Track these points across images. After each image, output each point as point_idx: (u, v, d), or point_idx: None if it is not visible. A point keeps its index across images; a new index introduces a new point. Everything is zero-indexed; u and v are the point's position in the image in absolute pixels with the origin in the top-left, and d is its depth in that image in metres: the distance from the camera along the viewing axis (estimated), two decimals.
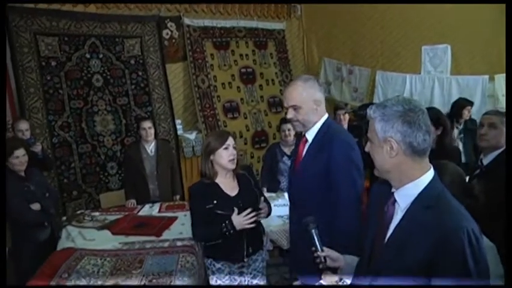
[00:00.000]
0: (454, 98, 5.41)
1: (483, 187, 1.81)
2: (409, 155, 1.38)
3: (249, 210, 2.52)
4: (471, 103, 4.89)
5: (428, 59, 5.70)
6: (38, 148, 4.00)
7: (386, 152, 1.40)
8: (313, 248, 1.90)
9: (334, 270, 1.84)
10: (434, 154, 2.99)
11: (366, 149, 1.52)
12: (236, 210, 2.52)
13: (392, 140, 1.38)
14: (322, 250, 1.86)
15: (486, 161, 2.60)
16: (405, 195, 1.41)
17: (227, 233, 2.50)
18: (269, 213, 2.78)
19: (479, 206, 1.89)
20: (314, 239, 1.91)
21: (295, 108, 2.33)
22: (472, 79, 5.33)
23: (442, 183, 1.59)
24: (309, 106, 2.32)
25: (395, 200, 1.45)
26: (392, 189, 1.47)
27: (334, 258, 1.84)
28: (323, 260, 1.85)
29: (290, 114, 2.36)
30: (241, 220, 2.49)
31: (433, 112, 3.15)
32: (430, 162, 1.86)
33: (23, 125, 4.07)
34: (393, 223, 1.44)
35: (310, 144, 2.39)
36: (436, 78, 5.59)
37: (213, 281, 2.65)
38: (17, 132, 4.01)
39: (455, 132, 4.75)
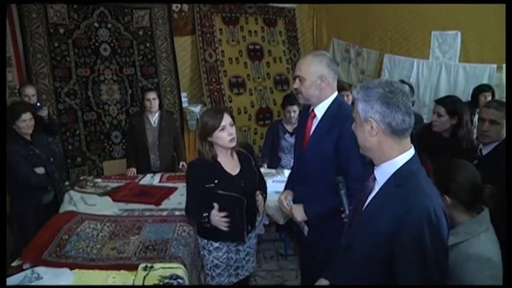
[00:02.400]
0: (460, 85, 5.39)
1: (491, 191, 1.82)
2: (388, 135, 1.46)
3: (224, 213, 2.55)
4: (488, 88, 4.76)
5: (437, 44, 5.64)
6: (44, 113, 4.06)
7: (368, 131, 1.49)
8: (342, 208, 2.10)
9: None
10: (446, 144, 2.98)
11: (352, 128, 1.60)
12: (217, 206, 2.55)
13: (372, 120, 1.46)
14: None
15: (485, 151, 2.62)
16: (382, 173, 1.52)
17: (204, 224, 2.56)
18: (265, 197, 2.85)
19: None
20: (342, 199, 2.10)
21: (300, 79, 2.36)
22: (479, 67, 5.28)
23: (450, 185, 1.74)
24: (312, 80, 2.33)
25: (375, 177, 1.56)
26: (374, 167, 1.58)
27: None
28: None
29: (296, 84, 2.40)
30: (217, 220, 2.53)
31: (450, 100, 3.11)
32: (446, 158, 1.97)
33: (30, 90, 4.13)
34: (370, 197, 1.57)
35: (320, 121, 2.41)
36: (443, 64, 5.54)
37: (209, 261, 2.68)
38: (24, 97, 4.07)
39: (475, 119, 4.67)
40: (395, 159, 1.48)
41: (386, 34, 6.19)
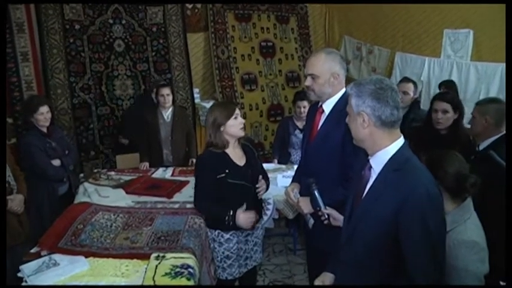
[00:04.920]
0: (472, 84, 5.36)
1: (474, 180, 1.90)
2: (379, 127, 1.61)
3: (253, 212, 2.64)
4: (444, 83, 4.96)
5: (449, 43, 5.63)
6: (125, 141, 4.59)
7: (360, 123, 1.64)
8: (318, 208, 2.18)
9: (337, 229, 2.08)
10: (444, 139, 3.06)
11: (346, 121, 1.74)
12: (244, 206, 2.63)
13: (364, 113, 1.61)
14: (326, 208, 2.17)
15: (481, 147, 2.67)
16: (378, 161, 1.65)
17: (227, 223, 2.61)
18: (267, 187, 2.90)
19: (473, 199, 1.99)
20: (317, 199, 2.19)
21: (313, 77, 2.39)
22: (491, 66, 5.24)
23: (438, 171, 1.82)
24: (326, 78, 2.37)
25: (371, 166, 1.69)
26: (369, 157, 1.70)
27: (335, 217, 2.15)
28: (326, 216, 2.15)
29: (308, 82, 2.44)
30: (245, 220, 2.60)
31: (451, 95, 3.26)
32: (440, 149, 2.07)
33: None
34: (369, 184, 1.70)
35: (328, 116, 2.45)
36: (455, 63, 5.53)
37: (220, 252, 2.75)
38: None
39: None
40: (388, 147, 1.62)
41: (398, 32, 6.19)
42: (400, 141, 1.63)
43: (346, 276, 1.78)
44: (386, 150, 1.61)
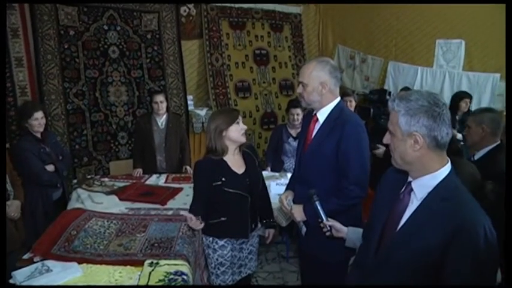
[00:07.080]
0: None
1: (492, 186, 1.87)
2: (432, 148, 1.43)
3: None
4: (469, 95, 5.05)
5: (441, 52, 5.71)
6: None
7: (410, 145, 1.45)
8: (320, 220, 2.15)
9: (338, 240, 2.09)
10: None
11: (385, 141, 1.56)
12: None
13: (418, 134, 1.42)
14: (327, 220, 2.10)
15: (477, 156, 2.71)
16: (423, 186, 1.47)
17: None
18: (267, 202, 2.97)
19: (490, 205, 1.97)
20: (318, 210, 2.16)
21: (303, 85, 2.45)
22: (483, 76, 5.34)
23: None
24: (314, 86, 2.41)
25: (411, 189, 1.51)
26: (409, 179, 1.53)
27: (338, 229, 2.07)
28: (328, 227, 2.10)
29: (299, 89, 2.49)
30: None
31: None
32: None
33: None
34: (408, 212, 1.51)
35: (322, 125, 2.48)
36: (447, 72, 5.61)
37: (214, 259, 2.75)
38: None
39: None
40: (436, 172, 1.45)
41: (391, 41, 6.27)
42: (449, 166, 1.46)
43: None
44: (434, 175, 1.45)
